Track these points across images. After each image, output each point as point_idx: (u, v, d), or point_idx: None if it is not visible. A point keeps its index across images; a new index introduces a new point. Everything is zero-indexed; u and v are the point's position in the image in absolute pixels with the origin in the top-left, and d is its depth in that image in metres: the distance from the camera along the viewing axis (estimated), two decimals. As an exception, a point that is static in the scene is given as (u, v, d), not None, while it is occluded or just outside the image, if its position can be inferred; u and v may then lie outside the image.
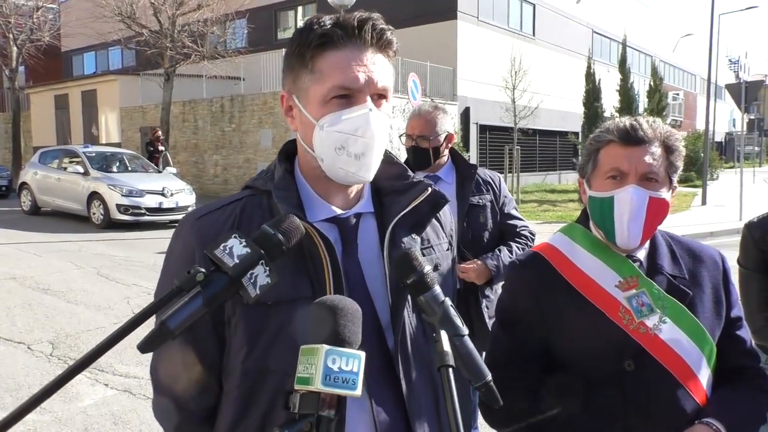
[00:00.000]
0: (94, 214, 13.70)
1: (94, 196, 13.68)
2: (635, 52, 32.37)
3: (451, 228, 1.42)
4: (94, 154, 15.04)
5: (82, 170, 14.24)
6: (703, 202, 18.32)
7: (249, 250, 0.96)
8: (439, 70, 20.96)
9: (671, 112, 33.61)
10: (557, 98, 25.49)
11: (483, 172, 2.94)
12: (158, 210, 13.58)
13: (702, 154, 21.22)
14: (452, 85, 21.58)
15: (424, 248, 1.28)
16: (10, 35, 23.20)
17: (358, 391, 0.90)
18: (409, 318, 1.23)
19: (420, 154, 2.84)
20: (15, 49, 23.57)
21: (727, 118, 49.91)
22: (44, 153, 16.29)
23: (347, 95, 1.15)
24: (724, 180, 28.67)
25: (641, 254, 1.55)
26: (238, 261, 0.95)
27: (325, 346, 0.89)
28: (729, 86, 17.25)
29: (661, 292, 1.49)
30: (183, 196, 14.12)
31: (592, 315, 1.48)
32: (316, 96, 1.17)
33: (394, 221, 1.23)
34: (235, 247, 0.96)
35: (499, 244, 2.88)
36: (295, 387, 0.90)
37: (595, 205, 1.53)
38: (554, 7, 26.85)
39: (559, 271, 1.55)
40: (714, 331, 1.52)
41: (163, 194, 13.72)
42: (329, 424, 0.89)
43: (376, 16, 1.18)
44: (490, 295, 2.88)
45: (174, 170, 16.26)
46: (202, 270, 0.93)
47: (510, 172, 18.19)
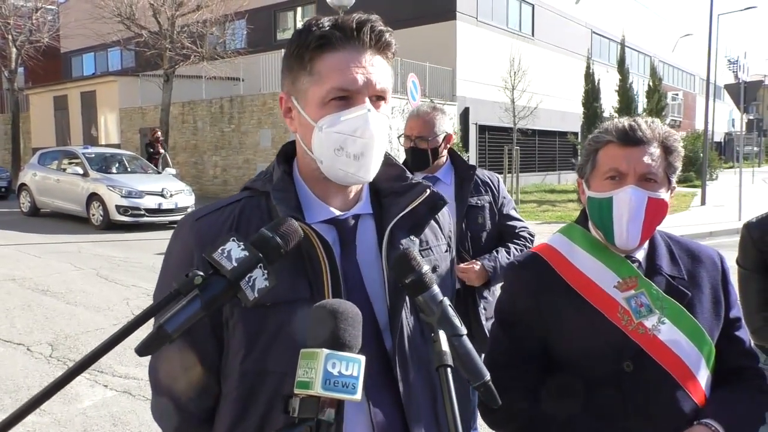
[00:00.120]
0: (94, 215, 13.70)
1: (94, 197, 13.68)
2: (634, 53, 32.39)
3: (450, 229, 1.42)
4: (94, 156, 15.03)
5: (81, 171, 14.23)
6: (703, 203, 18.34)
7: (247, 254, 0.96)
8: (439, 71, 20.96)
9: (670, 112, 33.63)
10: (556, 98, 25.49)
11: (482, 173, 2.93)
12: (157, 211, 13.58)
13: (701, 155, 21.24)
14: (451, 86, 21.58)
15: (423, 250, 1.28)
16: (9, 36, 23.20)
17: (358, 396, 0.89)
18: (407, 319, 1.23)
19: (418, 155, 2.84)
20: (14, 50, 23.57)
21: (726, 118, 49.92)
22: (43, 154, 16.28)
23: (346, 97, 1.15)
24: (723, 180, 28.68)
25: (640, 255, 1.55)
26: (236, 264, 0.95)
27: (325, 350, 0.89)
28: (728, 86, 17.26)
29: (659, 293, 1.49)
30: (182, 197, 14.12)
31: (590, 316, 1.48)
32: (315, 97, 1.17)
33: (393, 223, 1.23)
34: (234, 251, 0.96)
35: (497, 245, 2.87)
36: (295, 391, 0.90)
37: (594, 205, 1.53)
38: (553, 8, 26.86)
39: (558, 271, 1.55)
40: (713, 332, 1.52)
41: (163, 195, 13.71)
42: (329, 428, 0.88)
43: (374, 17, 1.18)
44: (488, 296, 2.88)
45: (173, 171, 16.26)
46: (200, 273, 0.93)
47: (509, 173, 18.19)
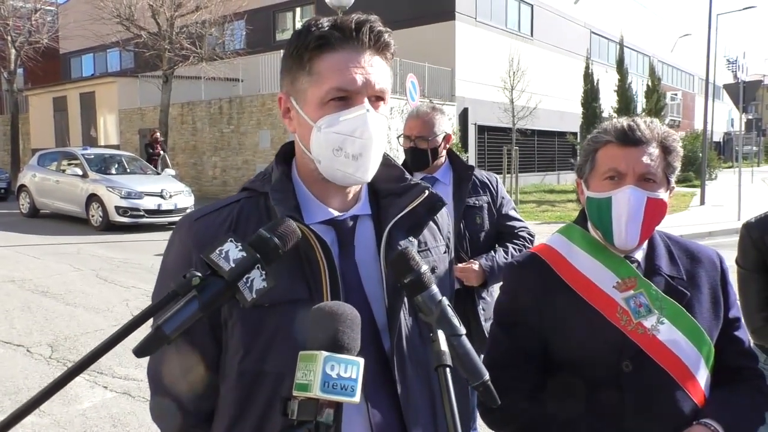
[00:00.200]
0: (93, 216, 13.69)
1: (93, 198, 13.67)
2: (633, 53, 32.40)
3: (449, 231, 1.42)
4: (93, 156, 15.03)
5: (80, 172, 14.22)
6: (702, 202, 18.35)
7: (245, 254, 0.95)
8: (438, 71, 20.96)
9: (669, 112, 33.64)
10: (555, 99, 25.49)
11: (480, 173, 2.93)
12: (157, 212, 13.57)
13: (700, 154, 21.24)
14: (450, 86, 21.59)
15: (421, 251, 1.28)
16: (8, 37, 23.21)
17: (357, 398, 0.89)
18: (406, 320, 1.23)
19: (418, 155, 2.84)
20: (13, 51, 23.58)
21: (725, 118, 49.91)
22: (43, 155, 16.27)
23: (345, 97, 1.15)
24: (722, 180, 28.69)
25: (639, 255, 1.55)
26: (234, 265, 0.94)
27: (324, 353, 0.89)
28: (727, 86, 17.25)
29: (659, 293, 1.49)
30: (182, 197, 14.11)
31: (590, 316, 1.47)
32: (314, 98, 1.17)
33: (391, 223, 1.23)
34: (231, 251, 0.95)
35: (496, 245, 2.87)
36: (294, 393, 0.90)
37: (593, 205, 1.53)
38: (552, 8, 26.88)
39: (557, 272, 1.54)
40: (712, 332, 1.52)
41: (162, 196, 13.71)
42: (327, 430, 0.88)
43: (373, 18, 1.18)
44: (486, 297, 2.88)
45: (172, 172, 16.24)
46: (198, 274, 0.93)
47: (508, 173, 18.19)
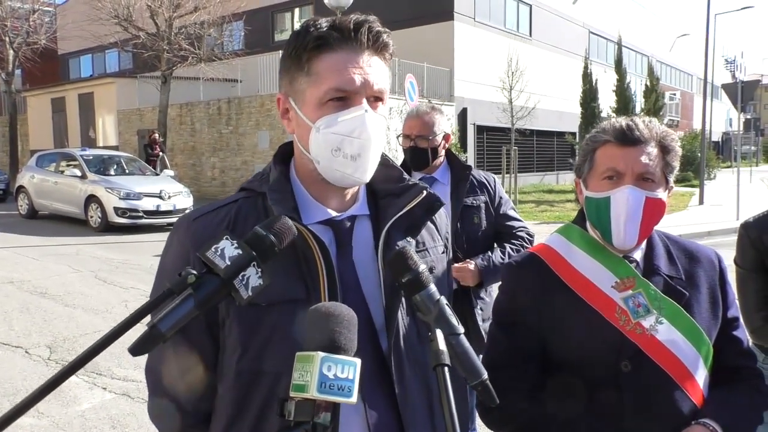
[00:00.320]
0: (92, 217, 13.68)
1: (92, 199, 13.65)
2: (632, 53, 32.42)
3: (447, 231, 1.42)
4: (92, 157, 15.01)
5: (79, 173, 14.20)
6: (701, 202, 18.36)
7: (241, 252, 0.95)
8: (436, 71, 20.97)
9: (668, 112, 33.71)
10: (554, 99, 25.51)
11: (477, 173, 2.93)
12: (156, 213, 13.56)
13: (699, 154, 21.26)
14: (449, 86, 21.59)
15: (419, 251, 1.28)
16: (7, 38, 23.19)
17: (354, 399, 0.89)
18: (403, 320, 1.23)
19: (418, 155, 2.84)
20: (11, 52, 23.56)
21: (723, 118, 49.91)
22: (41, 156, 16.25)
23: (343, 97, 1.15)
24: (721, 179, 28.71)
25: (638, 255, 1.55)
26: (229, 263, 0.94)
27: (321, 353, 0.88)
28: (725, 86, 17.30)
29: (657, 293, 1.49)
30: (180, 198, 14.09)
31: (588, 316, 1.47)
32: (313, 98, 1.17)
33: (389, 224, 1.23)
34: (227, 249, 0.95)
35: (493, 245, 2.87)
36: (291, 394, 0.90)
37: (592, 205, 1.53)
38: (551, 8, 26.89)
39: (555, 271, 1.54)
40: (711, 332, 1.52)
41: (161, 197, 13.69)
42: (324, 431, 0.88)
43: (372, 18, 1.18)
44: (485, 297, 2.88)
45: (171, 173, 16.23)
46: (194, 272, 0.93)
47: (507, 173, 18.20)
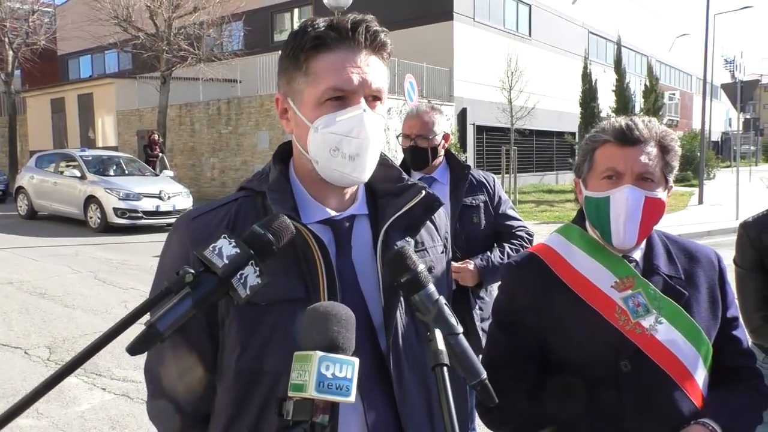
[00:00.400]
0: (91, 218, 13.67)
1: (91, 199, 13.64)
2: (631, 53, 32.43)
3: (447, 231, 1.42)
4: (91, 158, 15.00)
5: (78, 174, 14.19)
6: (700, 202, 18.38)
7: (238, 251, 0.95)
8: (436, 72, 20.98)
9: (667, 112, 33.70)
10: (554, 99, 25.51)
11: (477, 173, 2.93)
12: (155, 213, 13.54)
13: (698, 154, 21.27)
14: (449, 86, 21.60)
15: (418, 251, 1.28)
16: (6, 39, 23.20)
17: (352, 398, 0.89)
18: (402, 320, 1.23)
19: (418, 154, 2.84)
20: (11, 52, 23.57)
21: (723, 118, 49.92)
22: (41, 157, 16.24)
23: (341, 97, 1.15)
24: (720, 179, 28.73)
25: (637, 254, 1.55)
26: (227, 261, 0.94)
27: (319, 353, 0.88)
28: (725, 86, 17.35)
29: (657, 293, 1.48)
30: (180, 199, 14.08)
31: (588, 315, 1.47)
32: (311, 98, 1.17)
33: (388, 223, 1.23)
34: (225, 248, 0.95)
35: (493, 245, 2.87)
36: (289, 393, 0.89)
37: (591, 205, 1.53)
38: (550, 8, 26.90)
39: (555, 271, 1.54)
40: (710, 332, 1.52)
41: (160, 197, 13.69)
42: (323, 430, 0.88)
43: (369, 18, 1.18)
44: (485, 297, 2.87)
45: (171, 173, 16.23)
46: (191, 271, 0.93)
47: (507, 173, 18.21)
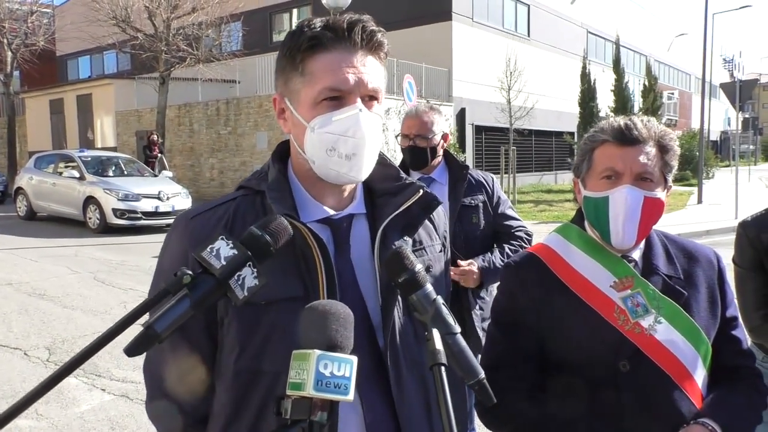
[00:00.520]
0: (90, 218, 13.67)
1: (90, 200, 13.65)
2: (630, 52, 32.45)
3: (445, 230, 1.42)
4: (90, 159, 15.01)
5: (77, 175, 14.19)
6: (699, 201, 18.39)
7: (236, 252, 0.95)
8: (435, 72, 20.97)
9: (666, 111, 33.72)
10: (552, 98, 25.51)
11: (475, 173, 2.93)
12: (154, 214, 13.54)
13: (697, 153, 21.27)
14: (448, 86, 21.60)
15: (416, 250, 1.28)
16: (5, 40, 23.19)
17: (351, 396, 0.89)
18: (400, 319, 1.23)
19: (418, 154, 2.84)
20: (9, 53, 23.56)
21: (722, 117, 50.02)
22: (40, 158, 16.23)
23: (338, 97, 1.15)
24: (719, 179, 28.74)
25: (636, 254, 1.55)
26: (224, 263, 0.94)
27: (317, 351, 0.88)
28: (723, 85, 17.34)
29: (656, 293, 1.48)
30: (179, 199, 14.08)
31: (587, 315, 1.47)
32: (307, 98, 1.17)
33: (385, 222, 1.23)
34: (222, 249, 0.95)
35: (492, 245, 2.86)
36: (287, 392, 0.89)
37: (590, 205, 1.53)
38: (549, 8, 26.91)
39: (554, 271, 1.54)
40: (709, 331, 1.52)
41: (160, 198, 13.68)
42: (321, 429, 0.88)
43: (366, 18, 1.18)
44: (485, 296, 2.87)
45: (170, 174, 16.22)
46: (189, 272, 0.93)
47: (506, 173, 18.21)
